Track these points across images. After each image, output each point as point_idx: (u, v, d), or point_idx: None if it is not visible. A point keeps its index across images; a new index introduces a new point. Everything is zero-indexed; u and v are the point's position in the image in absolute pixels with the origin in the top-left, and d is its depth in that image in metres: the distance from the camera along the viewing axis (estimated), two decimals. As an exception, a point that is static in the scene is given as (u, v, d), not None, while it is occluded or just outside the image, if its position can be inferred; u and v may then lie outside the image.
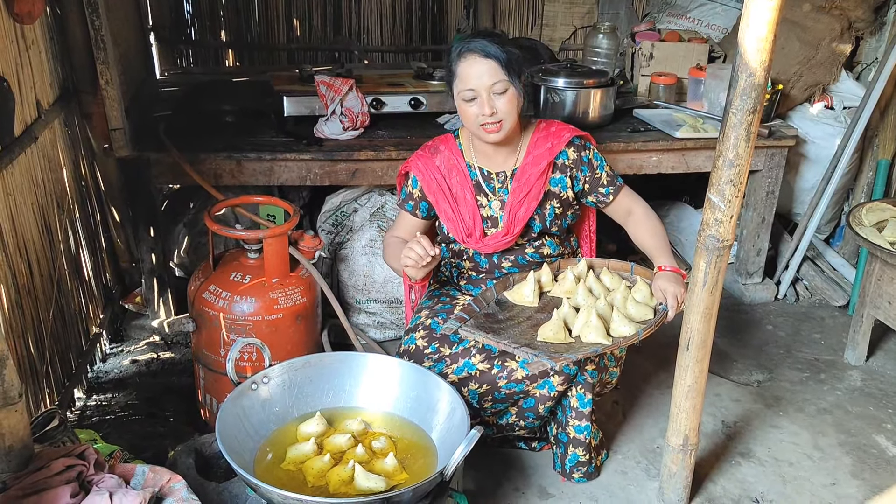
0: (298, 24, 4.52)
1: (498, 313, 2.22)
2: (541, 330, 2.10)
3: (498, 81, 2.15)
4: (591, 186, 2.39)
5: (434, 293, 2.48)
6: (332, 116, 2.99)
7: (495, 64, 2.15)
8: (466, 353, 2.22)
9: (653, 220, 2.39)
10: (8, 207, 2.16)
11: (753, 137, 1.84)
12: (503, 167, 2.36)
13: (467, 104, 2.19)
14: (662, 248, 2.31)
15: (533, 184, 2.32)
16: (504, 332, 2.12)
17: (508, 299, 2.30)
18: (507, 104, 2.18)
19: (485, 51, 2.15)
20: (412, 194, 2.40)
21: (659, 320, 2.14)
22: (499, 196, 2.36)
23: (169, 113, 3.15)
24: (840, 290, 3.49)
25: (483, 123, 2.19)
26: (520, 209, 2.32)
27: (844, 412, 2.73)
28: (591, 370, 2.22)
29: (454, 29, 4.62)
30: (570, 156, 2.36)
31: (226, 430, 1.77)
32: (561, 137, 2.34)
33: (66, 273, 2.62)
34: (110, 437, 2.41)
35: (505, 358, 2.19)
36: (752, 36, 1.75)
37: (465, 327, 2.09)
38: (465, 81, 2.17)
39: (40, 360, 2.33)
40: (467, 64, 2.16)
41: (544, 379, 2.18)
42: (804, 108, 3.59)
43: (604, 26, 3.74)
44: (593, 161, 2.38)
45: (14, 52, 2.25)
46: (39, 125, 2.40)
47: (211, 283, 2.43)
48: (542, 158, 2.33)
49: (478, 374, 2.20)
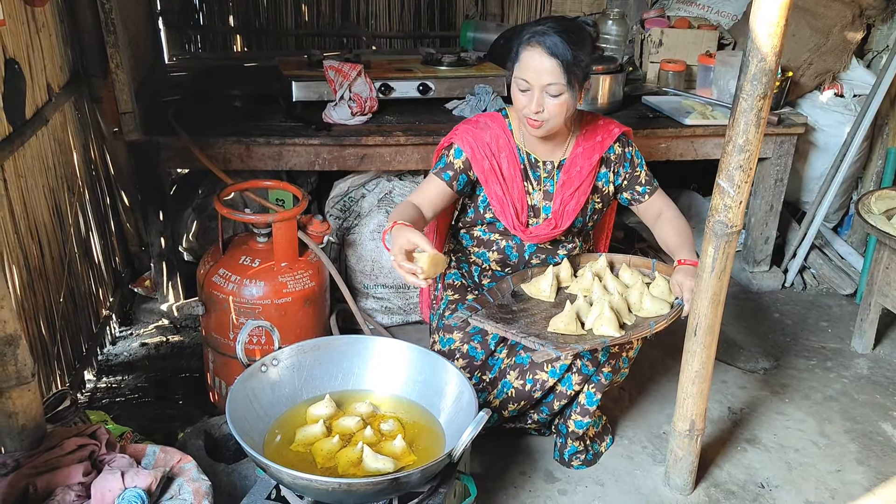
0: (306, 9, 4.52)
1: (512, 304, 2.22)
2: (552, 321, 2.10)
3: (554, 83, 2.05)
4: (630, 183, 2.35)
5: (458, 308, 2.30)
6: (341, 102, 2.99)
7: (557, 65, 2.04)
8: (503, 373, 2.24)
9: (681, 221, 2.35)
10: (19, 189, 2.17)
11: (763, 123, 1.84)
12: (551, 157, 2.28)
13: (520, 91, 2.11)
14: (685, 244, 2.28)
15: (585, 177, 2.26)
16: (515, 322, 2.12)
17: (525, 292, 2.29)
18: (556, 107, 2.08)
19: (552, 49, 2.03)
20: (453, 164, 2.25)
21: (674, 315, 2.13)
22: (544, 186, 2.28)
23: (178, 97, 3.16)
24: (848, 278, 3.49)
25: (527, 116, 2.12)
26: (570, 202, 2.26)
27: (851, 400, 2.74)
28: (606, 372, 2.23)
29: (462, 15, 4.61)
30: (616, 150, 2.32)
31: (236, 412, 1.78)
32: (611, 132, 2.29)
33: (77, 256, 2.63)
34: (120, 418, 2.44)
35: (535, 371, 2.20)
36: (763, 20, 1.74)
37: (476, 316, 2.08)
38: (523, 70, 2.09)
39: (52, 342, 2.35)
40: (530, 54, 2.06)
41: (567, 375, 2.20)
42: (814, 95, 3.57)
43: (613, 13, 3.72)
44: (635, 158, 2.34)
45: (25, 34, 2.25)
46: (50, 108, 2.41)
47: (220, 266, 2.44)
48: (594, 152, 2.27)
49: (513, 393, 2.23)
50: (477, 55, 3.53)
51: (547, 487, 2.29)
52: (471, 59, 3.44)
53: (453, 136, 2.28)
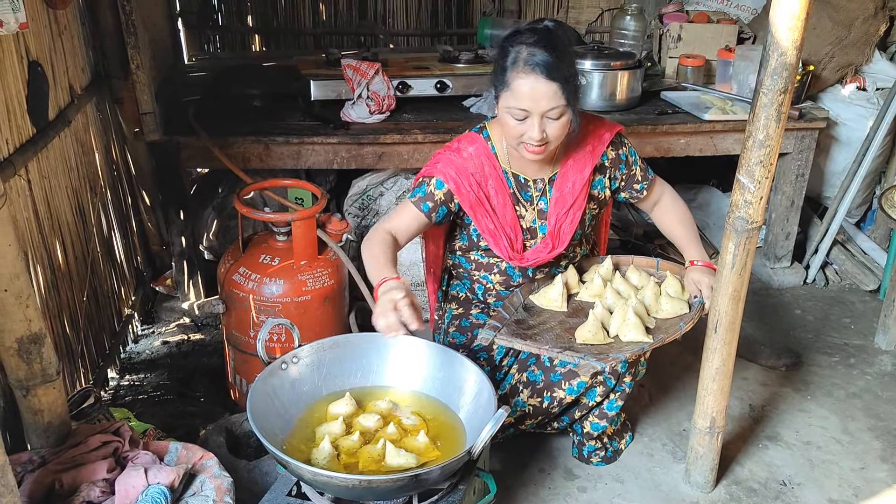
0: (324, 8, 4.53)
1: (527, 319, 2.16)
2: (578, 332, 2.05)
3: (556, 107, 1.91)
4: (627, 184, 2.28)
5: (463, 323, 2.31)
6: (359, 100, 3.00)
7: (557, 88, 1.89)
8: (514, 391, 2.22)
9: (680, 207, 2.33)
10: (43, 190, 2.20)
11: (784, 118, 1.82)
12: (540, 173, 2.16)
13: (514, 121, 1.95)
14: (692, 239, 2.25)
15: (578, 193, 2.14)
16: (539, 336, 2.06)
17: (535, 303, 2.22)
18: (558, 129, 1.95)
19: (549, 73, 1.88)
20: (433, 195, 2.10)
21: (697, 313, 2.12)
22: (537, 205, 2.17)
23: (198, 97, 3.18)
24: (871, 274, 3.45)
25: (526, 143, 1.98)
26: (565, 221, 2.15)
27: (874, 397, 2.71)
28: (628, 381, 2.21)
29: (480, 12, 4.60)
30: (609, 155, 2.21)
31: (256, 409, 1.80)
32: (601, 138, 2.17)
33: (99, 255, 2.67)
34: (143, 416, 2.46)
35: (553, 389, 2.17)
36: (783, 14, 1.73)
37: (501, 335, 2.03)
38: (518, 99, 1.91)
39: (76, 340, 2.38)
40: (527, 82, 1.89)
41: (591, 389, 2.18)
42: (835, 89, 3.53)
43: (631, 8, 3.70)
44: (629, 158, 2.25)
45: (48, 36, 2.28)
46: (72, 109, 2.44)
47: (240, 265, 2.46)
48: (585, 164, 2.15)
49: (530, 409, 2.21)
50: (494, 52, 3.51)
51: (566, 485, 2.29)
52: (488, 56, 3.44)
53: (434, 168, 2.12)
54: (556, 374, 2.17)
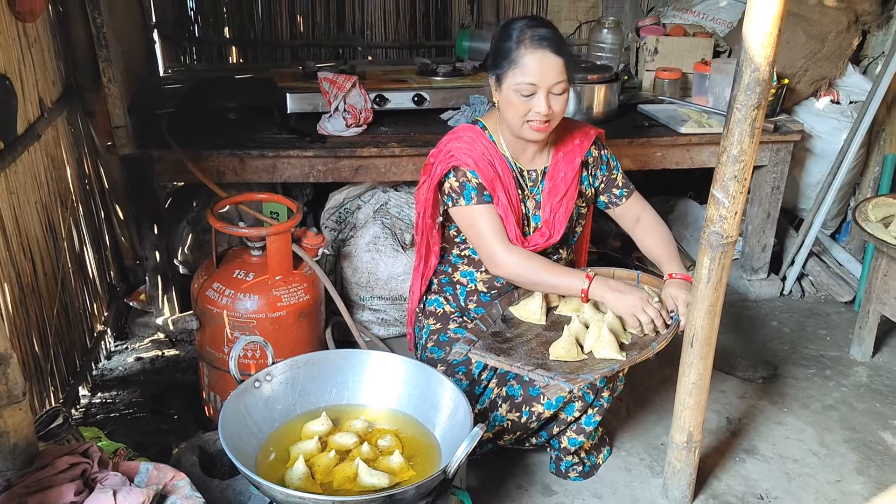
0: (302, 20, 4.52)
1: (505, 331, 2.16)
2: (552, 348, 2.05)
3: (561, 81, 2.06)
4: (607, 186, 2.35)
5: (441, 338, 2.32)
6: (336, 113, 2.98)
7: (563, 62, 2.05)
8: (493, 405, 2.21)
9: (661, 227, 2.36)
10: (11, 206, 2.16)
11: (758, 133, 1.83)
12: (534, 164, 2.27)
13: (522, 98, 2.06)
14: (671, 255, 2.28)
15: (570, 182, 2.25)
16: (513, 351, 2.06)
17: (515, 315, 2.24)
18: (561, 104, 2.10)
19: (556, 47, 2.04)
20: (482, 184, 2.16)
21: (673, 330, 2.12)
22: (532, 195, 2.27)
23: (172, 110, 3.15)
24: (846, 285, 3.47)
25: (531, 120, 2.09)
26: (559, 209, 2.25)
27: (850, 408, 2.72)
28: (606, 396, 2.21)
29: (458, 24, 4.61)
30: (593, 153, 2.33)
31: (229, 428, 1.77)
32: (587, 134, 2.30)
33: (71, 271, 2.62)
34: (115, 434, 2.42)
35: (531, 403, 2.17)
36: (756, 31, 1.74)
37: (475, 350, 2.03)
38: (528, 74, 2.04)
39: (45, 359, 2.34)
40: (536, 57, 2.03)
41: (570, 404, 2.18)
42: (810, 102, 3.57)
43: (608, 21, 3.72)
44: (611, 161, 2.35)
45: (16, 49, 2.24)
46: (42, 123, 2.39)
47: (214, 280, 2.43)
48: (574, 156, 2.26)
49: (508, 424, 2.20)
50: (472, 65, 3.52)
51: (544, 501, 2.28)
52: (466, 69, 3.44)
53: (451, 159, 2.18)
54: (534, 389, 2.16)
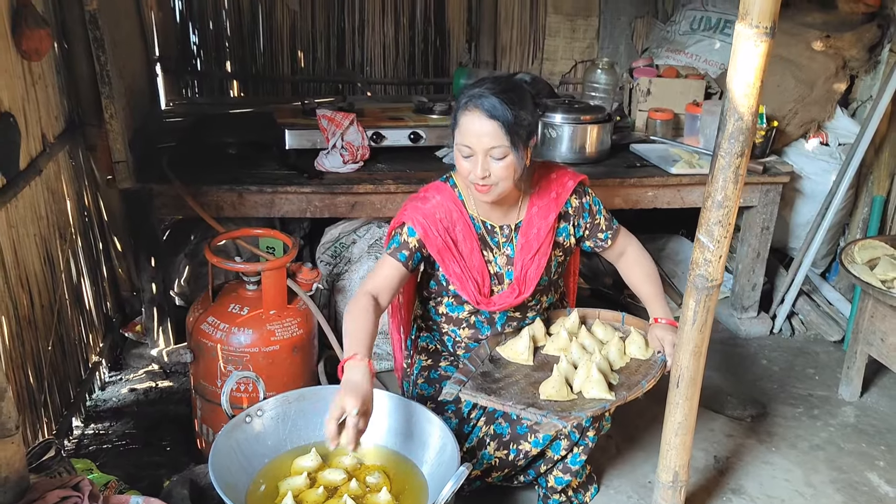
0: (302, 55, 4.60)
1: (493, 371, 2.17)
2: (542, 387, 2.06)
3: (498, 146, 2.00)
4: (591, 232, 2.33)
5: (432, 375, 2.34)
6: (333, 150, 3.04)
7: (499, 127, 1.98)
8: (481, 443, 2.22)
9: (645, 261, 2.37)
10: (10, 239, 2.20)
11: (742, 180, 1.88)
12: (506, 220, 2.24)
13: (463, 158, 2.06)
14: (656, 296, 2.30)
15: (543, 239, 2.21)
16: (503, 391, 2.07)
17: (502, 356, 2.25)
18: (502, 170, 2.03)
19: (491, 111, 1.98)
20: (407, 243, 2.16)
21: (659, 371, 2.15)
22: (504, 251, 2.23)
23: (173, 144, 3.21)
24: (835, 324, 3.51)
25: (473, 182, 2.07)
26: (531, 266, 2.21)
27: (837, 449, 2.74)
28: (592, 435, 2.22)
29: (456, 62, 4.69)
30: (573, 204, 2.28)
31: (219, 463, 1.80)
32: (565, 186, 2.25)
33: (67, 302, 2.65)
34: (107, 465, 2.44)
35: (519, 441, 2.19)
36: (739, 82, 1.80)
37: (466, 390, 2.03)
38: (464, 136, 2.03)
39: (39, 390, 2.36)
40: (470, 119, 2.01)
41: (556, 442, 2.20)
42: (800, 143, 3.63)
43: (602, 62, 3.79)
44: (593, 206, 2.31)
45: (21, 87, 2.30)
46: (44, 158, 2.44)
47: (209, 314, 2.46)
48: (549, 210, 2.22)
49: (496, 462, 2.22)
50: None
51: (532, 538, 2.29)
52: (462, 107, 3.50)
53: (403, 215, 2.20)
54: (522, 427, 2.19)
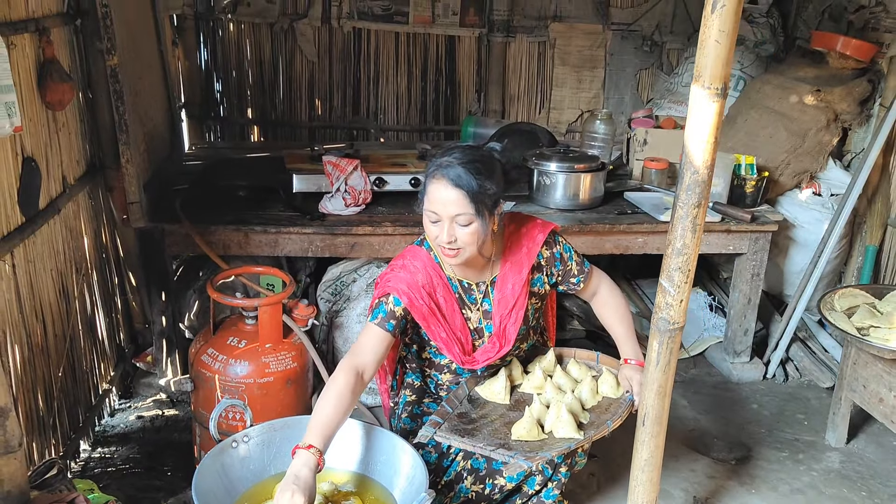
0: (320, 103, 4.83)
1: (471, 412, 2.29)
2: (514, 428, 2.17)
3: (462, 214, 2.09)
4: (564, 278, 2.43)
5: (415, 411, 2.46)
6: (336, 193, 3.21)
7: (463, 196, 2.08)
8: (459, 477, 2.31)
9: (615, 302, 2.48)
10: (28, 273, 2.39)
11: (700, 229, 1.99)
12: (481, 277, 2.33)
13: (431, 223, 2.16)
14: (627, 337, 2.41)
15: (519, 293, 2.30)
16: (478, 431, 2.19)
17: (480, 395, 2.36)
18: (468, 236, 2.12)
19: (457, 180, 2.08)
20: (394, 312, 2.21)
21: (626, 411, 2.26)
22: (482, 307, 2.33)
23: (187, 186, 3.41)
24: (828, 371, 3.55)
25: (440, 245, 2.17)
26: (509, 320, 2.31)
27: (817, 493, 2.78)
28: (564, 471, 2.31)
29: (466, 111, 4.88)
30: (544, 255, 2.37)
31: (203, 485, 1.92)
32: (535, 240, 2.33)
33: (80, 332, 2.83)
34: (109, 488, 2.58)
35: (494, 476, 2.28)
36: (695, 138, 1.92)
37: (441, 433, 2.13)
38: (431, 202, 2.13)
39: (48, 413, 2.53)
40: (436, 187, 2.11)
41: (531, 477, 2.29)
42: (794, 193, 3.72)
43: (601, 113, 3.93)
44: (564, 254, 2.40)
45: (45, 134, 2.52)
46: (63, 198, 2.65)
47: (209, 346, 2.62)
48: (522, 265, 2.31)
49: (473, 496, 2.30)
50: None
51: (507, 570, 2.37)
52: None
53: (387, 286, 2.26)
54: (497, 463, 2.28)
